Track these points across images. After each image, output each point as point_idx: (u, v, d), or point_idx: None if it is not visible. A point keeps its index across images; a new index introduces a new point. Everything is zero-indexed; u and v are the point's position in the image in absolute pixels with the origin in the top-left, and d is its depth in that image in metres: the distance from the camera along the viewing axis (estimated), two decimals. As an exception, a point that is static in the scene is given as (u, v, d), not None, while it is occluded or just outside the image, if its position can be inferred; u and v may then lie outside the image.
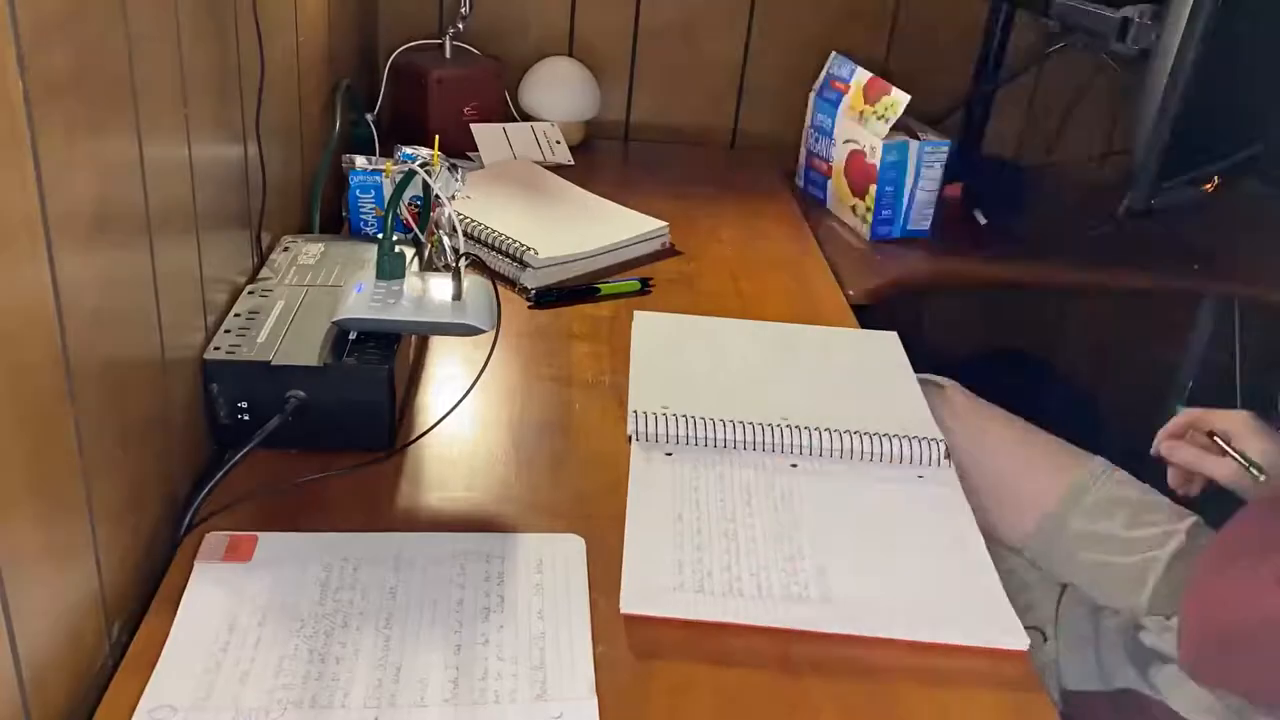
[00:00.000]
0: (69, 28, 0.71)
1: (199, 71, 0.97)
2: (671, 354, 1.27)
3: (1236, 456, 1.09)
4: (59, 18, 0.69)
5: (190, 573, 0.88)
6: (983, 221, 1.84)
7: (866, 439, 1.11)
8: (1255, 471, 1.07)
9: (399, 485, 1.03)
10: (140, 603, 0.86)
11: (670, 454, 1.09)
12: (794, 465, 1.09)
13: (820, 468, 1.09)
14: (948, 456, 1.10)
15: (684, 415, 1.11)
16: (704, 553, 0.95)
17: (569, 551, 0.95)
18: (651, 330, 1.32)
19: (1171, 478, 1.17)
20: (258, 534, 0.92)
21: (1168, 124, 1.37)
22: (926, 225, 1.77)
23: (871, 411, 1.16)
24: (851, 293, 1.55)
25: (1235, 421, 1.12)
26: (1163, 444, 1.16)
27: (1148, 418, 1.42)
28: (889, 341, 1.33)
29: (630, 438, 1.10)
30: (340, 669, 0.81)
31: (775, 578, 0.93)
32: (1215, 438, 1.12)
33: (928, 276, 1.70)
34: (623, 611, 0.88)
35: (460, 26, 1.84)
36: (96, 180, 0.76)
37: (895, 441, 1.11)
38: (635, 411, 1.12)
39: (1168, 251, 1.78)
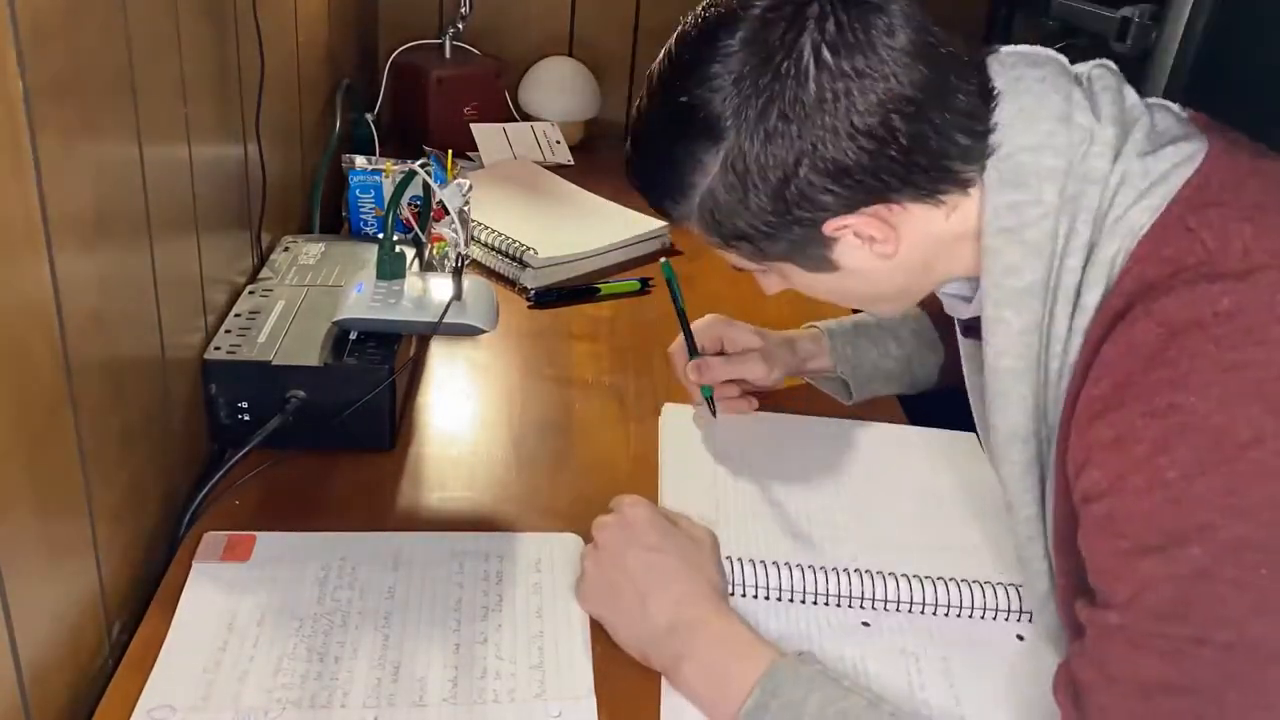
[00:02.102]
0: (69, 28, 0.71)
1: (199, 71, 0.98)
2: (707, 464, 1.08)
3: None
4: (59, 18, 0.69)
5: (189, 572, 0.88)
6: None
7: (954, 587, 0.90)
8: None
9: (399, 485, 1.03)
10: (140, 602, 0.86)
11: None
12: (866, 624, 0.89)
13: (899, 626, 0.89)
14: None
15: (728, 557, 0.91)
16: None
17: (568, 551, 0.95)
18: (682, 428, 1.14)
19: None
20: (256, 534, 0.92)
21: (1167, 124, 1.37)
22: (926, 225, 1.77)
23: (948, 545, 0.97)
24: (851, 293, 1.55)
25: (740, 329, 1.17)
26: (690, 374, 1.14)
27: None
28: (967, 445, 1.10)
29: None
30: (339, 668, 0.81)
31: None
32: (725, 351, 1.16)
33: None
34: None
35: (460, 26, 1.84)
36: (96, 180, 0.76)
37: (984, 590, 0.90)
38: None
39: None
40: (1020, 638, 0.89)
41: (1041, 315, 0.77)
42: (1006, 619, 0.90)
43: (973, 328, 0.86)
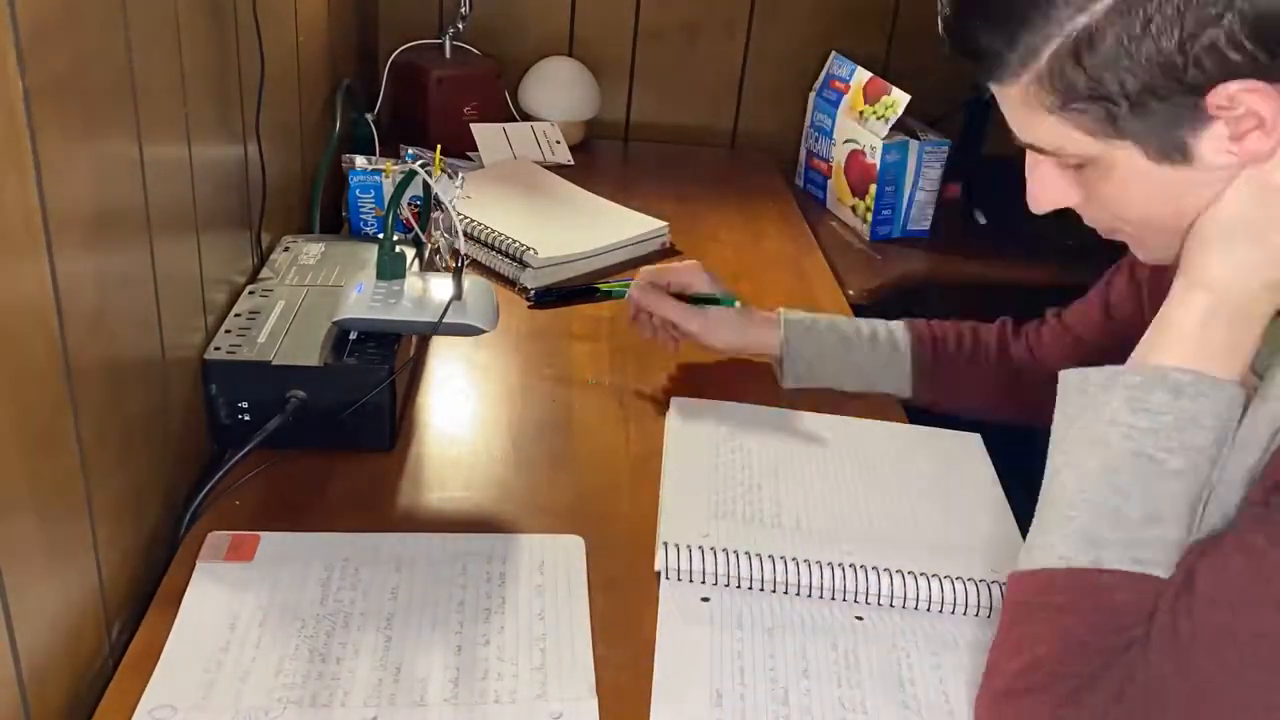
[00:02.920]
0: (69, 28, 0.71)
1: (199, 71, 0.97)
2: (711, 458, 1.08)
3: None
4: (59, 18, 0.69)
5: (191, 572, 0.88)
6: (982, 221, 1.84)
7: (950, 585, 0.91)
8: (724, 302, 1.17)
9: (399, 485, 1.03)
10: (140, 603, 0.86)
11: (707, 599, 0.90)
12: (859, 618, 0.89)
13: (892, 622, 0.89)
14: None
15: (725, 549, 0.92)
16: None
17: (570, 552, 0.95)
18: (688, 424, 1.14)
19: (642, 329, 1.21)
20: (260, 534, 0.92)
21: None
22: (926, 225, 1.77)
23: (951, 543, 0.98)
24: (851, 293, 1.55)
25: (691, 271, 1.19)
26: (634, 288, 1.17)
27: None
28: (970, 445, 1.13)
29: (659, 575, 0.92)
30: (341, 669, 0.81)
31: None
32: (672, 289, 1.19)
33: (927, 276, 1.70)
34: None
35: (460, 26, 1.84)
36: (96, 180, 0.76)
37: (987, 589, 0.90)
38: (666, 543, 0.93)
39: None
40: None
41: None
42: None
43: None
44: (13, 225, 0.65)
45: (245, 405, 1.02)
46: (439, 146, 1.21)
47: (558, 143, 1.85)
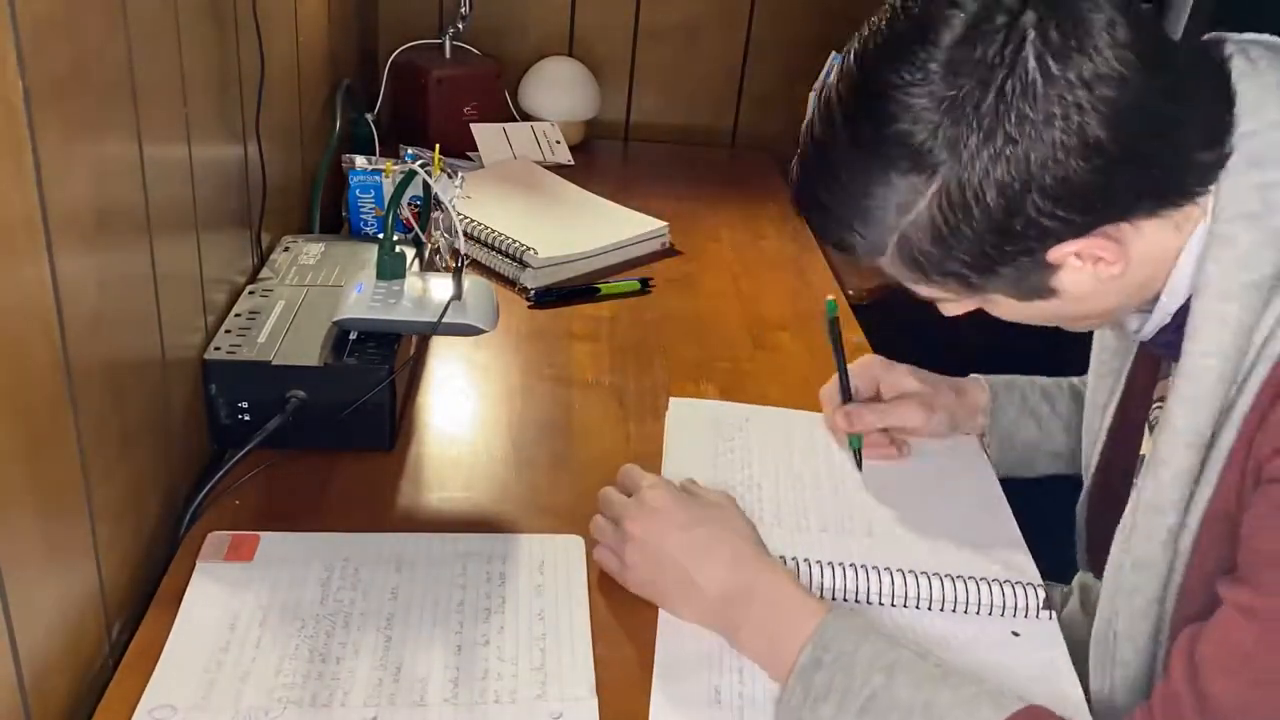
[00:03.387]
0: (69, 28, 0.71)
1: (199, 71, 0.97)
2: (710, 458, 1.09)
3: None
4: (59, 18, 0.69)
5: (191, 572, 0.88)
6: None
7: (947, 583, 0.91)
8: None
9: (399, 485, 1.03)
10: (140, 602, 0.86)
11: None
12: None
13: (895, 620, 0.90)
14: (1047, 607, 0.91)
15: None
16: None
17: (570, 552, 0.95)
18: (688, 423, 1.14)
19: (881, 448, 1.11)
20: (260, 534, 0.92)
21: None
22: (926, 225, 1.77)
23: (950, 542, 0.98)
24: (851, 292, 1.55)
25: (899, 372, 1.11)
26: (839, 420, 1.08)
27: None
28: (969, 445, 1.12)
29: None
30: (340, 669, 0.81)
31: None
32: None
33: (928, 276, 1.69)
34: None
35: (460, 26, 1.84)
36: (96, 180, 0.76)
37: (983, 587, 0.91)
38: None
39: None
40: (1015, 634, 0.89)
41: (1261, 312, 0.71)
42: (1003, 615, 0.90)
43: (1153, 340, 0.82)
44: (13, 225, 0.65)
45: (245, 405, 1.02)
46: (438, 146, 1.22)
47: (558, 143, 1.85)
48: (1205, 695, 0.70)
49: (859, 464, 1.09)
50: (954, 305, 0.84)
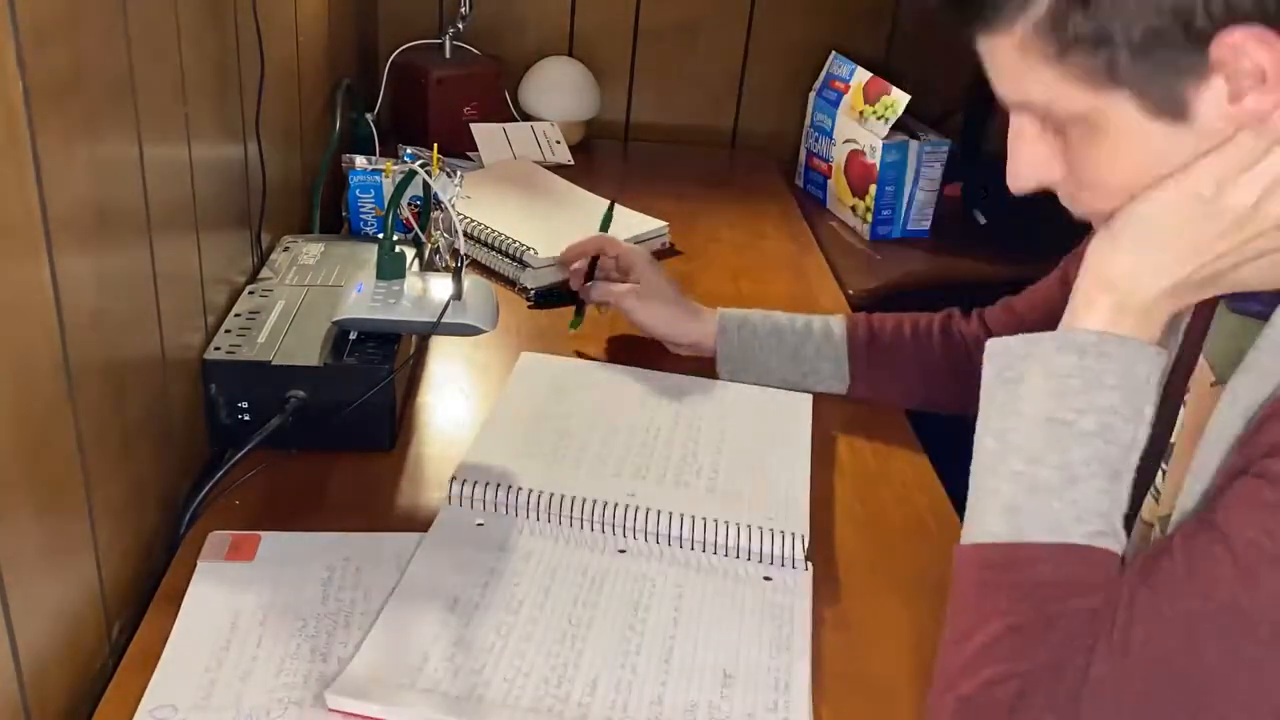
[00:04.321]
0: (69, 28, 0.71)
1: (199, 71, 0.97)
2: (543, 406, 1.14)
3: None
4: (59, 18, 0.69)
5: (191, 572, 0.88)
6: (982, 221, 1.84)
7: (709, 526, 0.95)
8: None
9: (399, 485, 1.03)
10: (140, 602, 0.86)
11: (481, 524, 0.96)
12: (622, 551, 0.94)
13: (652, 556, 0.94)
14: (809, 558, 0.94)
15: (504, 484, 0.98)
16: (460, 648, 0.82)
17: (569, 551, 0.95)
18: (534, 375, 1.20)
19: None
20: (260, 533, 0.92)
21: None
22: (926, 225, 1.77)
23: (741, 491, 1.02)
24: (851, 293, 1.55)
25: (636, 256, 1.25)
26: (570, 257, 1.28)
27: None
28: (799, 405, 1.17)
29: (447, 499, 0.98)
30: (341, 668, 0.81)
31: (530, 688, 0.79)
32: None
33: (927, 276, 1.70)
34: (329, 706, 0.76)
35: (460, 26, 1.84)
36: (96, 180, 0.76)
37: (744, 532, 0.95)
38: (455, 477, 0.99)
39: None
40: (767, 579, 0.93)
41: None
42: (760, 561, 0.94)
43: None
44: (13, 225, 0.65)
45: (245, 405, 1.02)
46: (436, 145, 1.22)
47: (558, 143, 1.85)
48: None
49: (579, 312, 1.28)
50: (1037, 150, 0.74)
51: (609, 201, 1.51)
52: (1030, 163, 0.75)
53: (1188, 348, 0.85)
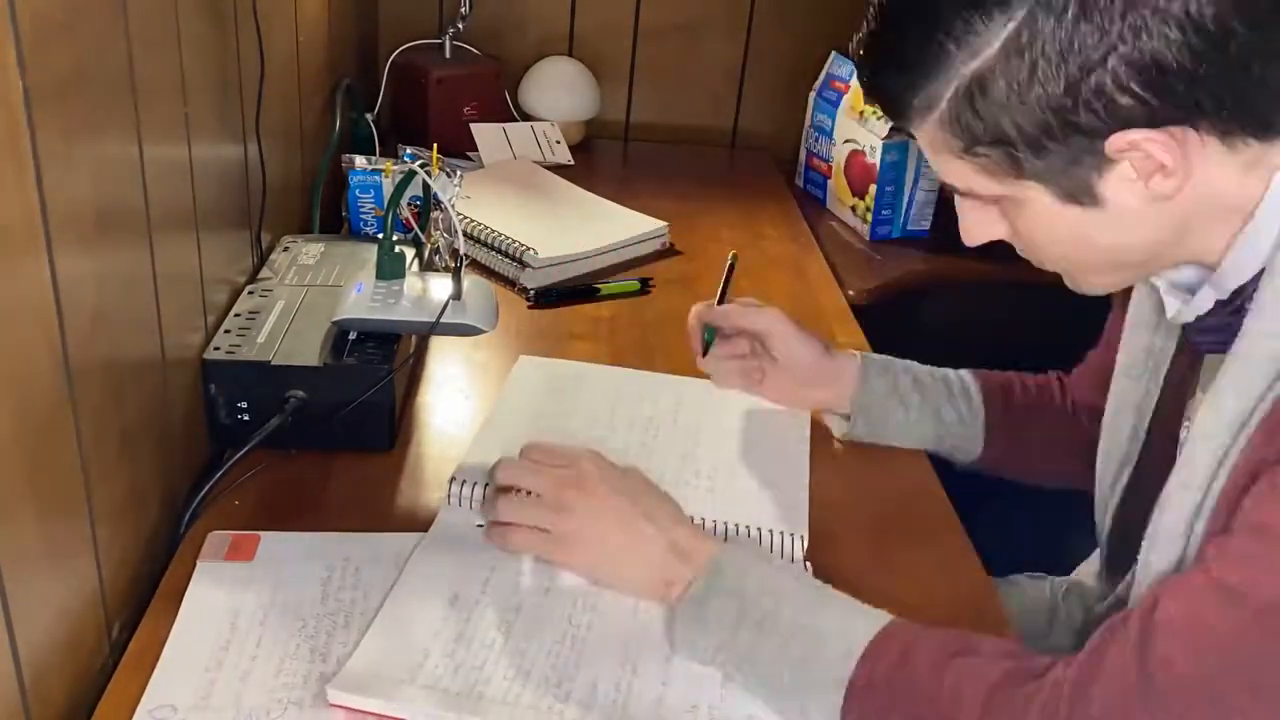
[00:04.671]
0: (69, 28, 0.71)
1: (199, 71, 0.97)
2: (541, 406, 1.14)
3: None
4: (59, 18, 0.69)
5: (190, 572, 0.88)
6: (983, 221, 1.84)
7: (709, 526, 0.96)
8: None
9: (399, 485, 1.03)
10: (140, 602, 0.86)
11: (481, 525, 0.95)
12: None
13: None
14: (807, 558, 0.94)
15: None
16: (461, 644, 0.82)
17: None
18: (532, 376, 1.19)
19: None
20: (260, 533, 0.92)
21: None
22: (926, 225, 1.77)
23: (741, 491, 1.03)
24: (851, 293, 1.55)
25: (769, 319, 1.10)
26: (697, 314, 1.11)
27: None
28: (797, 421, 1.14)
29: (446, 499, 0.97)
30: (341, 669, 0.81)
31: (531, 687, 0.79)
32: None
33: (927, 276, 1.70)
34: (329, 701, 0.76)
35: (460, 26, 1.84)
36: (96, 180, 0.76)
37: (744, 532, 0.95)
38: (454, 477, 0.98)
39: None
40: None
41: None
42: None
43: (1196, 327, 0.78)
44: (13, 225, 0.65)
45: (245, 405, 1.02)
46: (435, 145, 1.21)
47: (558, 143, 1.85)
48: (1149, 659, 0.67)
49: (704, 350, 1.12)
50: (983, 219, 0.79)
51: (730, 256, 1.20)
52: (976, 223, 0.80)
53: (1170, 390, 0.88)
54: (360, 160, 1.46)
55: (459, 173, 1.28)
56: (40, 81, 0.66)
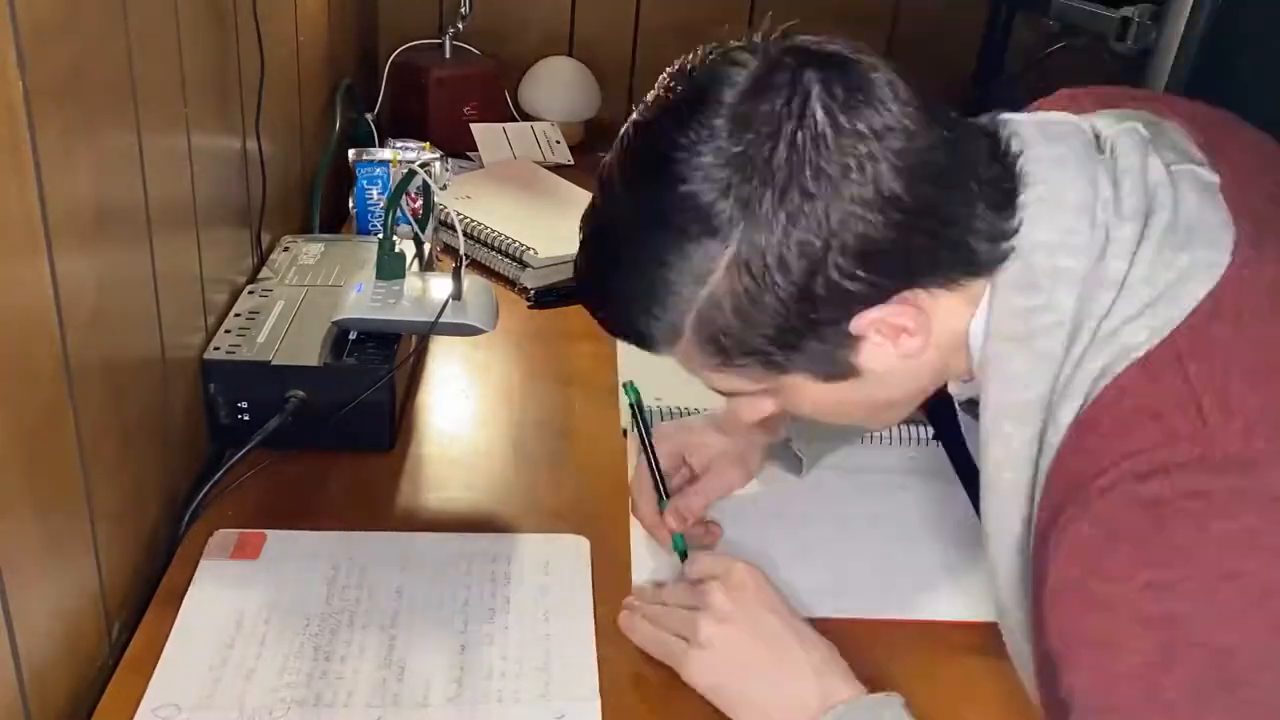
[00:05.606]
0: (69, 28, 0.71)
1: (199, 71, 0.97)
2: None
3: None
4: (59, 18, 0.69)
5: (191, 572, 0.88)
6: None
7: None
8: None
9: (399, 485, 1.03)
10: (140, 602, 0.86)
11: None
12: None
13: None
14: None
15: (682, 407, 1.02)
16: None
17: (575, 553, 0.95)
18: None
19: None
20: (266, 532, 0.92)
21: (1169, 123, 1.37)
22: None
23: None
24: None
25: (698, 431, 1.02)
26: (669, 522, 0.95)
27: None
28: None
29: (625, 431, 1.03)
30: (345, 668, 0.81)
31: None
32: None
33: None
34: None
35: (460, 26, 1.84)
36: (96, 180, 0.76)
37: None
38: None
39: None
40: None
41: (1042, 425, 0.69)
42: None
43: (973, 402, 0.78)
44: (13, 225, 0.65)
45: (245, 405, 1.01)
46: (428, 142, 1.21)
47: (558, 143, 1.85)
48: None
49: (683, 558, 0.92)
50: (753, 402, 0.80)
51: (628, 390, 1.04)
52: (747, 406, 0.81)
53: None
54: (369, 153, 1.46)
55: (451, 161, 1.26)
56: (40, 81, 0.66)
